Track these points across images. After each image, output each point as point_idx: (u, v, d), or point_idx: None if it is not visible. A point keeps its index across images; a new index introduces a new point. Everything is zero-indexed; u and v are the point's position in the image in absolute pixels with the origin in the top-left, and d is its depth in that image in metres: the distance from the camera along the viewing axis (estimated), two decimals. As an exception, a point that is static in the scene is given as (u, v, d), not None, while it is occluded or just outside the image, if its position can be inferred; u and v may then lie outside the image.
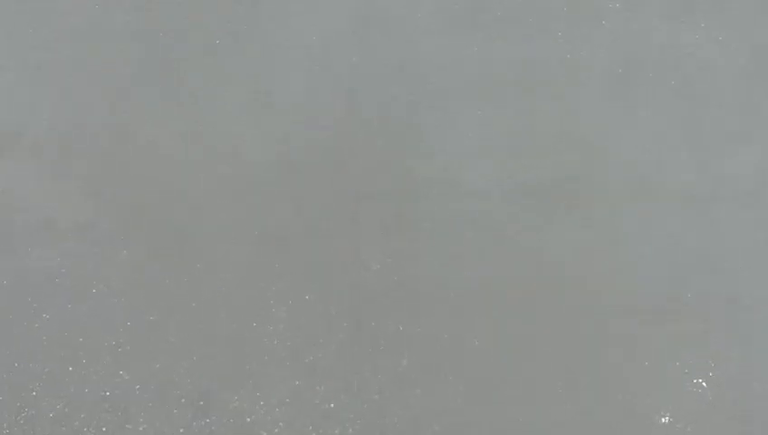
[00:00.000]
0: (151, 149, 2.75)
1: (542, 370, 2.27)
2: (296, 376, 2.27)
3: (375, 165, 2.66)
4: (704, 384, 2.24)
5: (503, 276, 2.45)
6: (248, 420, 2.22)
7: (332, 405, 2.24)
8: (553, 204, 2.58)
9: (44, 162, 2.73)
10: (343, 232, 2.54)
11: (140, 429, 2.23)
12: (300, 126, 2.76)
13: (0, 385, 2.29)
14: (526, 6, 2.84)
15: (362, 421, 2.22)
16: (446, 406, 2.23)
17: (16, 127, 2.78)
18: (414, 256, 2.48)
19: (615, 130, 2.72)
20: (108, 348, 2.33)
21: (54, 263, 2.50)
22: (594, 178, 2.62)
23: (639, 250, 2.47)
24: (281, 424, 2.23)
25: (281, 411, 2.23)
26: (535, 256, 2.48)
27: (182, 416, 2.22)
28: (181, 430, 2.22)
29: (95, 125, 2.79)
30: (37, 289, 2.46)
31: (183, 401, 2.25)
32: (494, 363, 2.29)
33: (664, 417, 2.21)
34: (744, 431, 2.18)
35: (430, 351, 2.31)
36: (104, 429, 2.23)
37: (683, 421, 2.20)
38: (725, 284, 2.39)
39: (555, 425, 2.19)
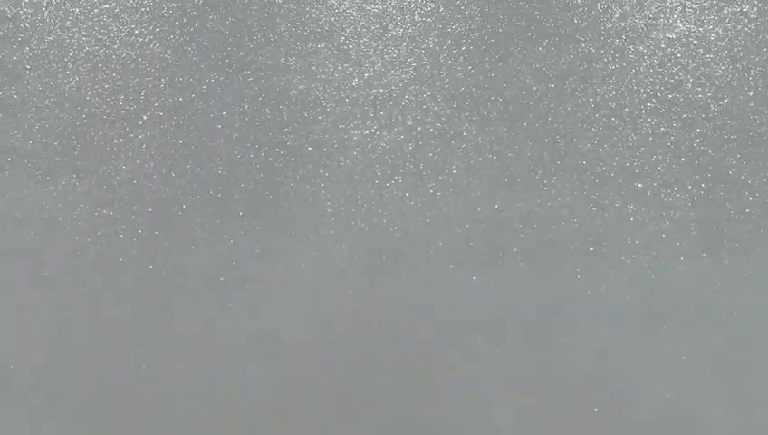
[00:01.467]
0: (146, 390, 2.69)
1: None
2: None
3: (389, 408, 2.67)
4: None
5: None
6: None
7: None
8: (579, 446, 2.53)
9: (30, 406, 2.65)
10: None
11: None
12: (307, 367, 2.73)
13: None
14: (544, 243, 2.82)
15: None
16: None
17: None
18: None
19: (642, 369, 2.73)
20: None
21: None
22: (622, 419, 2.67)
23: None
24: None
25: None
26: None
27: None
28: None
29: (86, 365, 2.75)
30: None
31: None
32: None
33: None
34: None
35: None
36: None
37: None
38: None
39: None
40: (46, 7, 2.92)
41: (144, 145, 2.87)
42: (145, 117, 2.89)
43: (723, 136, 2.85)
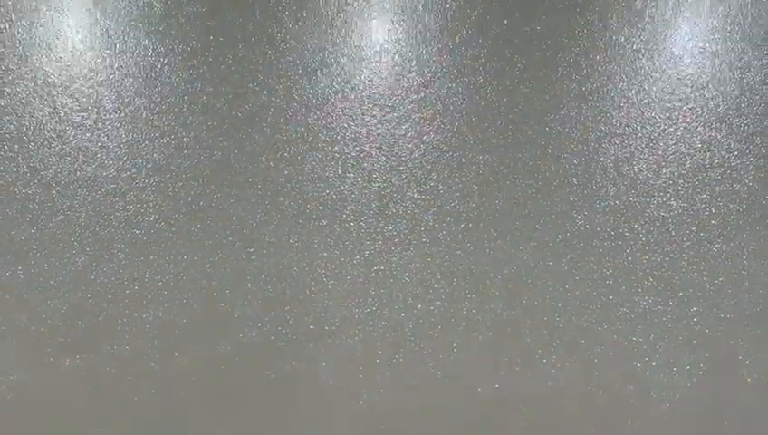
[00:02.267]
0: None
1: None
2: None
3: None
4: None
5: None
6: None
7: None
8: None
9: None
10: None
11: None
12: None
13: None
14: (544, 423, 2.81)
15: None
16: None
17: None
18: None
19: None
20: None
21: None
22: None
23: None
24: None
25: None
26: None
27: None
28: None
29: None
30: None
31: None
32: None
33: None
34: None
35: None
36: None
37: None
38: None
39: None
40: (54, 187, 2.97)
41: (147, 325, 2.89)
42: (149, 296, 2.91)
43: (719, 315, 2.88)
